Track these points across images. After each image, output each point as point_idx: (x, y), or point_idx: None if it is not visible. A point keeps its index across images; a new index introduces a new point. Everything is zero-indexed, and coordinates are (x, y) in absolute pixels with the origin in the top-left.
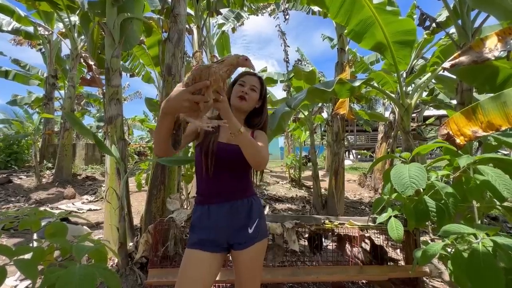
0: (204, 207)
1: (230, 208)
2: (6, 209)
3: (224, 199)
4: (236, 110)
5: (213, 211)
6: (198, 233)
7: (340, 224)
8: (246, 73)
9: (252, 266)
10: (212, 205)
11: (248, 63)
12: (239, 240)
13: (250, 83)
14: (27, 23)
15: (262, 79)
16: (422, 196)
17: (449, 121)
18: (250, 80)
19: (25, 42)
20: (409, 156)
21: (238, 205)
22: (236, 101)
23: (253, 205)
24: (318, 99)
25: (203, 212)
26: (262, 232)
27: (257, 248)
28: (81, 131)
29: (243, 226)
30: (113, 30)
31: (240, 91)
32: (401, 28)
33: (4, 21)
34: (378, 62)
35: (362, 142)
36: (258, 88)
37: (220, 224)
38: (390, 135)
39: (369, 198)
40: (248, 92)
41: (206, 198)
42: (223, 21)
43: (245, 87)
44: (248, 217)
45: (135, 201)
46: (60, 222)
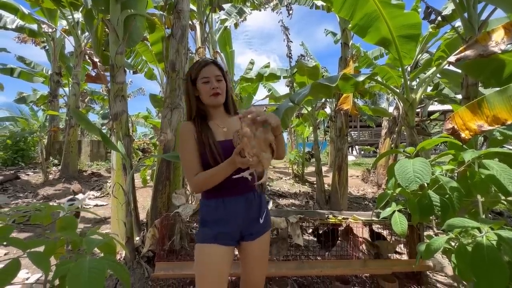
0: (219, 200)
1: (246, 200)
2: (16, 205)
3: (240, 192)
4: (214, 107)
5: (229, 203)
6: (213, 227)
7: (344, 219)
8: (202, 66)
9: (262, 255)
10: (227, 197)
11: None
12: (251, 230)
13: (214, 75)
14: (31, 21)
15: (217, 62)
16: (426, 191)
17: (454, 115)
18: (211, 71)
19: (29, 39)
20: (413, 151)
21: (251, 197)
22: (212, 100)
23: (262, 198)
24: (322, 95)
25: (218, 205)
26: (269, 222)
27: (266, 237)
28: (87, 127)
29: (256, 218)
30: (117, 27)
31: (210, 88)
32: (406, 22)
33: (8, 19)
34: (382, 56)
35: (366, 137)
36: (221, 75)
37: (238, 215)
38: (394, 130)
39: (372, 194)
40: (218, 85)
41: (221, 192)
42: (225, 17)
43: (212, 82)
44: (259, 209)
45: (140, 197)
46: (70, 216)
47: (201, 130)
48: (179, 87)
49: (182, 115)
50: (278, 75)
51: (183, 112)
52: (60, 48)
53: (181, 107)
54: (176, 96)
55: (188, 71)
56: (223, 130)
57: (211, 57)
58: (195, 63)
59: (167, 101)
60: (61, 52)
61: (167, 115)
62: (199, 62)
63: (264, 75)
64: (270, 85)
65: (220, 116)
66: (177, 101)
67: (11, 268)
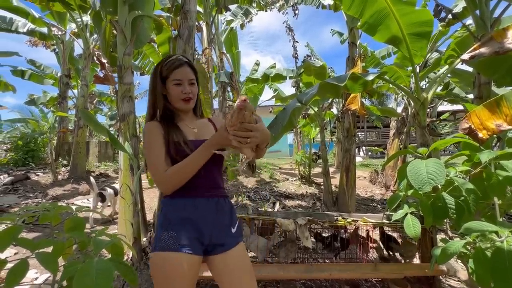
0: (188, 199)
1: (216, 204)
2: (26, 205)
3: (211, 195)
4: (183, 111)
5: (199, 204)
6: (179, 230)
7: (354, 221)
8: (176, 66)
9: (245, 263)
10: (198, 198)
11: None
12: (223, 240)
13: (187, 78)
14: (42, 24)
15: (192, 63)
16: (440, 193)
17: (471, 114)
18: (185, 74)
19: (40, 43)
20: (426, 152)
21: (222, 203)
22: (182, 105)
23: (232, 206)
24: (329, 94)
25: (186, 204)
26: (241, 232)
27: (242, 247)
28: (96, 128)
29: (226, 225)
30: (124, 28)
31: (181, 93)
32: (417, 19)
33: (20, 23)
34: (389, 56)
35: (373, 138)
36: (195, 78)
37: (209, 219)
38: (402, 131)
39: (380, 195)
40: (191, 90)
41: (190, 191)
42: (231, 18)
43: (184, 85)
44: (230, 216)
45: (147, 197)
46: (78, 216)
47: (169, 130)
48: None
49: None
50: (284, 76)
51: None
52: (69, 50)
53: None
54: None
55: (158, 64)
56: (194, 130)
57: (217, 58)
58: (167, 59)
59: None
60: (70, 55)
61: None
62: (173, 61)
63: (270, 76)
64: (276, 86)
65: (188, 118)
66: None
67: (20, 269)
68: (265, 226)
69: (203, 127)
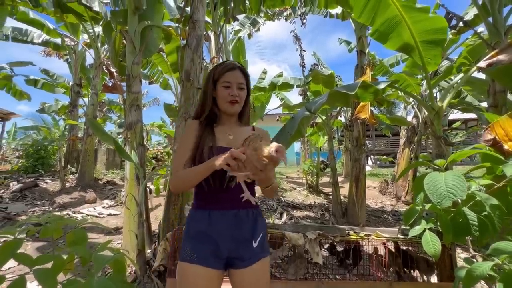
0: (205, 212)
1: (235, 217)
2: (33, 213)
3: (229, 206)
4: (228, 114)
5: (214, 217)
6: (195, 243)
7: (366, 236)
8: (228, 69)
9: (262, 282)
10: (214, 210)
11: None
12: (243, 255)
13: (237, 82)
14: (56, 35)
15: (244, 68)
16: (461, 208)
17: (494, 125)
18: (236, 77)
19: (53, 53)
20: (443, 164)
21: (243, 215)
22: (228, 107)
23: (257, 217)
24: (339, 103)
25: (203, 218)
26: (266, 247)
27: (263, 264)
28: (102, 137)
29: (247, 239)
30: (134, 38)
31: (228, 95)
32: (430, 26)
33: (35, 34)
34: (398, 64)
35: (382, 147)
36: (244, 83)
37: (223, 233)
38: (413, 140)
39: (391, 207)
40: (238, 94)
41: (208, 203)
42: (239, 28)
43: (233, 88)
44: (253, 230)
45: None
46: (81, 229)
47: (203, 134)
48: (193, 96)
49: None
50: (291, 84)
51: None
52: (81, 60)
53: None
54: (190, 106)
55: (212, 69)
56: (229, 137)
57: None
58: (221, 64)
59: (181, 111)
60: (82, 64)
61: (181, 125)
62: (226, 64)
63: (277, 84)
64: (283, 94)
65: (230, 123)
66: (191, 111)
67: (18, 285)
68: (273, 240)
69: (241, 134)
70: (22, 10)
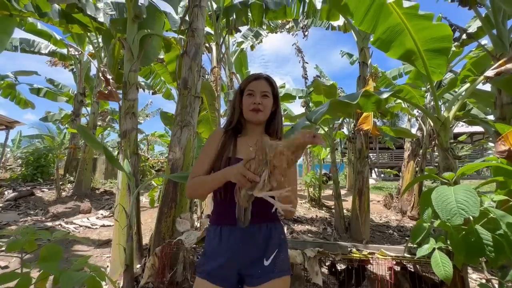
0: (217, 227)
1: (244, 232)
2: (24, 222)
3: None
4: (253, 123)
5: (225, 233)
6: (208, 260)
7: (370, 254)
8: (253, 79)
9: None
10: (225, 225)
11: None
12: (252, 272)
13: (261, 90)
14: (62, 46)
15: (271, 78)
16: (473, 226)
17: (508, 135)
18: (259, 86)
19: (59, 63)
20: (452, 177)
21: (254, 231)
22: (251, 116)
23: (272, 233)
24: (340, 113)
25: (216, 234)
26: (281, 266)
27: (277, 285)
28: (92, 145)
29: (258, 257)
30: (132, 46)
31: (251, 103)
32: (434, 34)
33: (42, 44)
34: (400, 76)
35: (385, 160)
36: (270, 92)
37: (231, 249)
38: (418, 152)
39: (396, 222)
40: (262, 102)
41: (220, 217)
42: (242, 40)
43: (256, 96)
44: (264, 247)
45: (149, 218)
46: (55, 244)
47: (225, 143)
48: (190, 104)
49: (193, 133)
50: (293, 96)
51: (194, 130)
52: (86, 70)
53: (191, 125)
54: (186, 114)
55: (242, 81)
56: (250, 148)
57: (227, 78)
58: (249, 75)
59: (177, 119)
60: (87, 74)
61: (176, 133)
62: (252, 75)
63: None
64: (285, 105)
65: (255, 134)
66: (187, 119)
67: None
68: None
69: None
70: (31, 22)
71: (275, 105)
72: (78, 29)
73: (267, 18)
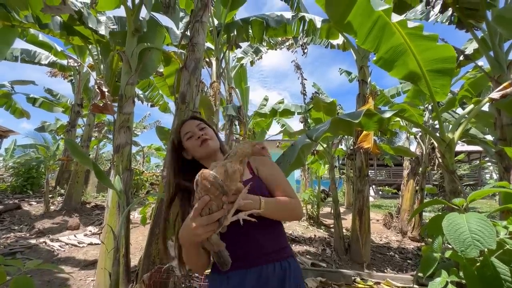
0: (223, 275)
1: (259, 277)
2: (6, 239)
3: (250, 264)
4: (207, 157)
5: (233, 280)
6: None
7: (376, 284)
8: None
9: None
10: (233, 271)
11: (264, 151)
12: None
13: (194, 125)
14: (62, 57)
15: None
16: (489, 258)
17: None
18: (191, 126)
19: (59, 74)
20: (463, 203)
21: (269, 273)
22: (201, 150)
23: (288, 272)
24: (342, 131)
25: (221, 281)
26: None
27: None
28: (81, 160)
29: None
30: (130, 59)
31: (195, 140)
32: (438, 55)
33: (43, 55)
34: (399, 95)
35: (384, 177)
36: (203, 123)
37: None
38: (417, 171)
39: (397, 243)
40: (203, 132)
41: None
42: (242, 55)
43: (195, 133)
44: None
45: (140, 235)
46: (26, 276)
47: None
48: None
49: None
50: (292, 111)
51: None
52: (85, 81)
53: None
54: None
55: (169, 141)
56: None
57: (226, 92)
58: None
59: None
60: (86, 85)
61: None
62: (178, 124)
63: (278, 111)
64: (284, 121)
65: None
66: None
67: None
68: None
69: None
70: (32, 33)
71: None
72: (79, 41)
73: (268, 35)
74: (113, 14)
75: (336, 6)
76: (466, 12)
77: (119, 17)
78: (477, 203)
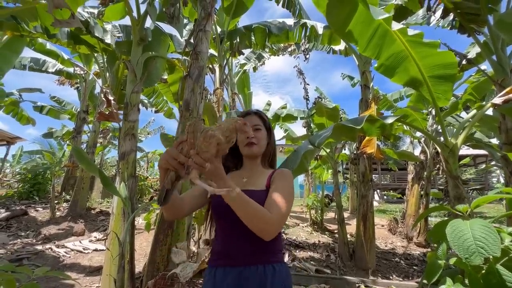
0: (212, 270)
1: (238, 276)
2: (13, 245)
3: (232, 262)
4: (249, 158)
5: (218, 277)
6: None
7: None
8: (243, 115)
9: None
10: (219, 267)
11: (246, 128)
12: None
13: (252, 124)
14: (69, 65)
15: (261, 112)
16: (494, 265)
17: None
18: (251, 120)
19: (66, 81)
20: (467, 210)
21: (249, 274)
22: (246, 151)
23: (269, 276)
24: (344, 137)
25: (210, 277)
26: None
27: None
28: (87, 168)
29: None
30: (136, 67)
31: (245, 138)
32: (439, 61)
33: (50, 64)
34: (402, 99)
35: (388, 181)
36: (261, 124)
37: None
38: (422, 176)
39: (403, 248)
40: (255, 135)
41: (214, 258)
42: (245, 61)
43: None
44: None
45: (145, 241)
46: (34, 283)
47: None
48: None
49: None
50: (295, 116)
51: None
52: (91, 88)
53: None
54: None
55: None
56: (243, 180)
57: (229, 98)
58: (240, 113)
59: None
60: (92, 93)
61: None
62: (242, 112)
63: (281, 116)
64: (287, 126)
65: (252, 166)
66: None
67: None
68: None
69: (257, 176)
70: (40, 42)
71: (268, 137)
72: (85, 50)
73: (270, 41)
74: (119, 23)
75: (337, 15)
76: (468, 17)
77: (124, 25)
78: (484, 207)
